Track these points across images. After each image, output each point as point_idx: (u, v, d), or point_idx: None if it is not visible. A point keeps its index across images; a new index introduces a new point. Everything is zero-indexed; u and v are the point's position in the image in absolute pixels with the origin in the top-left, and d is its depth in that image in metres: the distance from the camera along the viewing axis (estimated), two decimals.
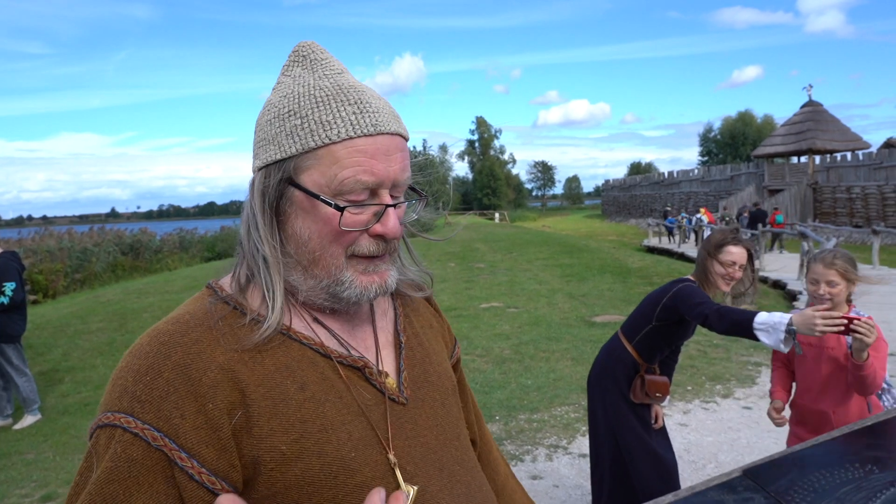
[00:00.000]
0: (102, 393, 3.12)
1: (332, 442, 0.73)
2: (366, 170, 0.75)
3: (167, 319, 0.76)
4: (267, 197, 0.77)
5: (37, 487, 4.11)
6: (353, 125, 0.75)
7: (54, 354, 7.60)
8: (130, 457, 0.67)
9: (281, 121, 0.77)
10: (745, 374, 5.90)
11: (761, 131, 57.43)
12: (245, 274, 0.79)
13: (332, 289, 0.78)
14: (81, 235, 21.69)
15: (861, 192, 24.66)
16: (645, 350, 2.74)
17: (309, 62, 0.81)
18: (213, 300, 0.78)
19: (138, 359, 0.71)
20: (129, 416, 0.68)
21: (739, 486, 1.42)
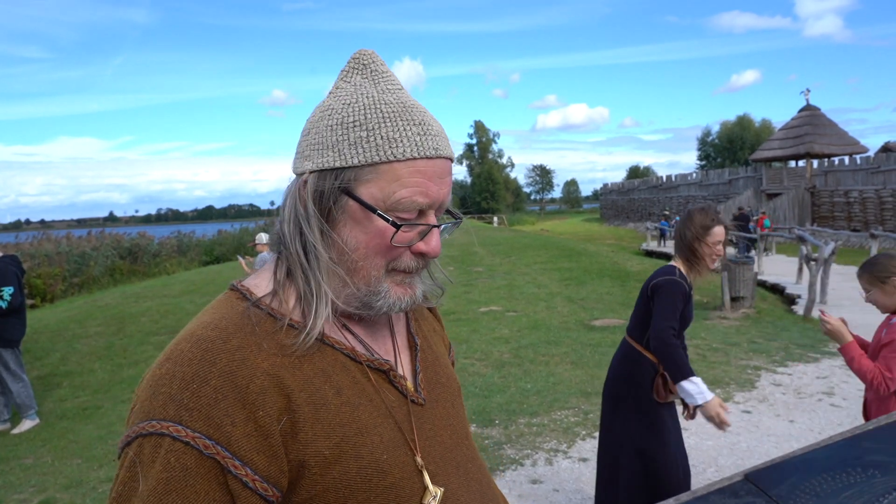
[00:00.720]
0: (101, 397, 3.13)
1: (367, 445, 0.75)
2: (422, 191, 0.77)
3: (203, 324, 0.75)
4: (320, 201, 0.77)
5: (35, 493, 4.10)
6: (417, 146, 0.77)
7: (52, 359, 7.58)
8: (185, 465, 0.66)
9: (344, 129, 0.77)
10: (744, 379, 5.90)
11: (759, 135, 57.58)
12: (284, 273, 0.80)
13: (367, 298, 0.80)
14: (79, 239, 21.68)
15: (859, 196, 24.71)
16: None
17: (370, 72, 0.82)
18: (247, 305, 0.77)
19: (181, 366, 0.70)
20: (178, 425, 0.67)
21: (741, 490, 1.42)
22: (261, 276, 0.83)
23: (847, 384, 5.65)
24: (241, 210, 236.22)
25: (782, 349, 6.99)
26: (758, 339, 7.53)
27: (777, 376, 5.98)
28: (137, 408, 0.70)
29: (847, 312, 8.98)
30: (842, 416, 4.83)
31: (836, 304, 9.70)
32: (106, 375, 6.94)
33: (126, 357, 7.57)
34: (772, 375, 6.01)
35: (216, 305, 0.79)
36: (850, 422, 4.62)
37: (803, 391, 5.50)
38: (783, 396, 5.38)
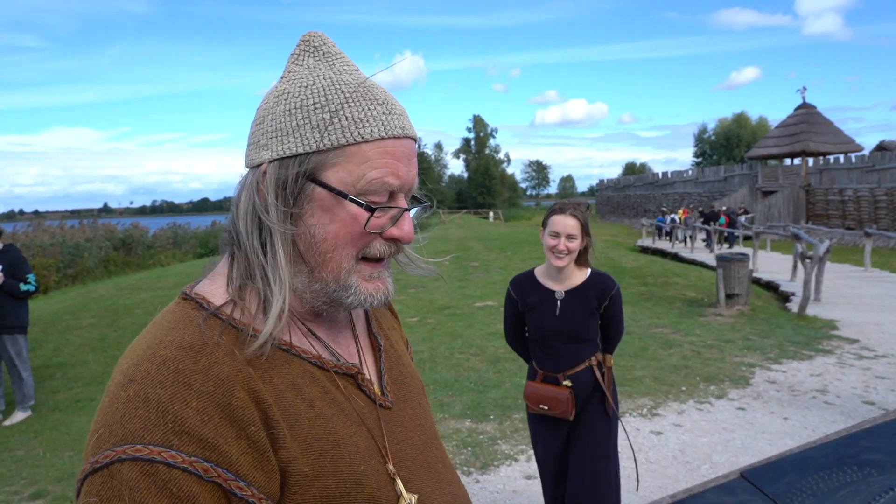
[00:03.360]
0: (94, 389, 3.10)
1: (344, 457, 0.72)
2: (393, 172, 0.74)
3: (164, 342, 0.68)
4: (283, 191, 0.72)
5: (26, 485, 4.08)
6: (383, 125, 0.74)
7: (45, 350, 7.54)
8: (190, 494, 0.60)
9: (305, 112, 0.72)
10: (738, 375, 5.92)
11: (756, 133, 57.72)
12: (240, 276, 0.73)
13: (336, 294, 0.75)
14: (73, 230, 21.56)
15: (853, 195, 24.81)
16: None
17: (322, 54, 0.78)
18: (202, 316, 0.71)
19: (152, 388, 0.63)
20: (170, 450, 0.60)
21: (738, 488, 1.41)
22: (215, 280, 0.76)
23: (840, 382, 5.68)
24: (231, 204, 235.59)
25: (776, 346, 7.01)
26: (752, 336, 7.55)
27: (771, 373, 6.00)
28: (104, 432, 0.62)
29: (840, 310, 9.04)
30: (835, 413, 4.85)
31: (830, 302, 9.74)
32: (99, 367, 6.91)
33: (120, 349, 7.53)
34: (766, 373, 6.03)
35: (171, 319, 0.72)
36: (843, 419, 4.64)
37: (797, 388, 5.52)
38: (777, 394, 5.40)
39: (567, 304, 2.51)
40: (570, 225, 2.40)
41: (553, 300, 2.52)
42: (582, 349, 2.53)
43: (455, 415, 4.97)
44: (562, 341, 2.51)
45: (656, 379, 5.80)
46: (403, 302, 9.80)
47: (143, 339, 0.70)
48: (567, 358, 2.52)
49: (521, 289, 2.61)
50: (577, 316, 2.49)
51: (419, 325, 8.25)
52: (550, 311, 2.51)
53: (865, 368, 6.13)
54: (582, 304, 2.50)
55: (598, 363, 2.56)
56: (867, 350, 6.86)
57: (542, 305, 2.53)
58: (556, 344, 2.52)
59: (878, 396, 5.22)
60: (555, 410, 2.50)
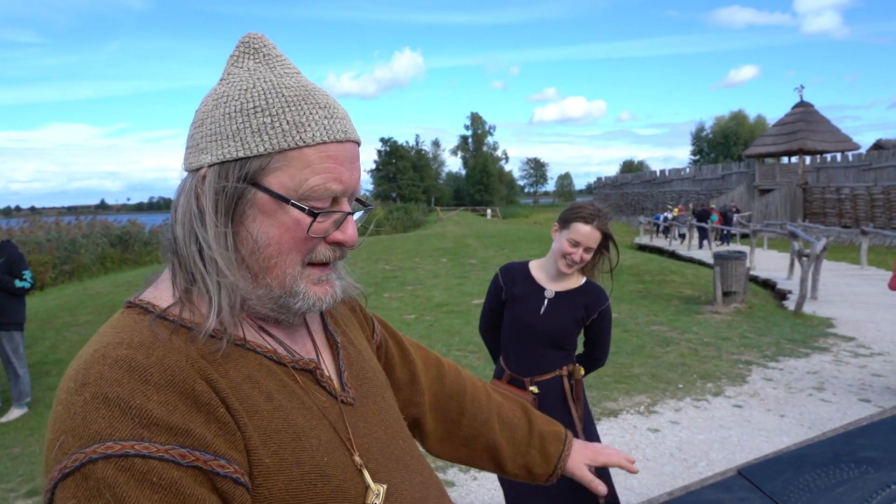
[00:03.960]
0: None
1: (306, 450, 0.71)
2: (335, 177, 0.73)
3: (111, 344, 0.66)
4: (223, 196, 0.71)
5: (22, 482, 4.07)
6: (326, 129, 0.73)
7: (41, 347, 7.52)
8: (171, 480, 0.59)
9: (245, 116, 0.71)
10: (735, 373, 5.93)
11: (753, 131, 57.80)
12: (184, 283, 0.72)
13: (283, 300, 0.75)
14: (69, 226, 21.49)
15: (850, 193, 24.86)
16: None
17: (262, 56, 0.77)
18: (150, 318, 0.69)
19: (108, 388, 0.61)
20: (142, 442, 0.59)
21: (735, 485, 1.41)
22: (159, 287, 0.75)
23: (837, 379, 5.70)
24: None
25: (773, 344, 7.03)
26: (749, 334, 7.57)
27: (768, 371, 6.02)
28: (66, 438, 0.59)
29: (837, 308, 9.06)
30: (832, 410, 4.86)
31: (826, 300, 9.76)
32: None
33: None
34: (763, 370, 6.04)
35: (117, 325, 0.70)
36: (839, 417, 4.65)
37: (794, 386, 5.54)
38: (774, 391, 5.41)
39: (554, 304, 2.35)
40: (593, 238, 2.28)
41: (541, 297, 2.36)
42: (556, 357, 2.35)
43: None
44: (538, 343, 2.34)
45: (653, 376, 5.81)
46: (401, 299, 9.80)
47: (89, 347, 0.68)
48: (539, 362, 2.34)
49: (511, 277, 2.44)
50: (562, 320, 2.33)
51: (416, 323, 8.25)
52: (535, 307, 2.35)
53: (862, 366, 6.15)
54: (570, 308, 2.35)
55: (569, 374, 2.36)
56: (863, 348, 6.88)
57: (527, 299, 2.37)
58: (532, 344, 2.35)
59: (875, 394, 5.24)
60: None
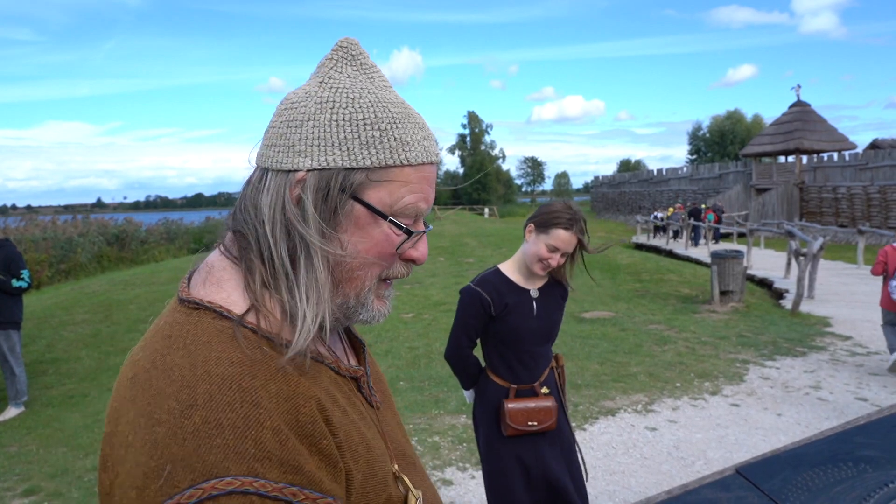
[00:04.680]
0: (87, 385, 3.06)
1: (376, 461, 0.72)
2: (425, 197, 0.75)
3: (210, 359, 0.62)
4: (323, 204, 0.70)
5: (19, 481, 4.06)
6: (425, 151, 0.75)
7: (38, 346, 7.50)
8: None
9: (354, 127, 0.71)
10: (733, 372, 5.94)
11: (750, 130, 57.87)
12: (261, 284, 0.69)
13: (353, 310, 0.75)
14: (65, 225, 21.42)
15: (847, 193, 24.92)
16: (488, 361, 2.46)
17: (360, 65, 0.77)
18: (232, 327, 0.66)
19: (221, 412, 0.58)
20: (258, 479, 0.57)
21: (733, 484, 1.41)
22: (223, 287, 0.70)
23: (833, 378, 5.71)
24: (231, 198, 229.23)
25: (770, 343, 7.05)
26: (746, 333, 7.59)
27: (765, 370, 6.03)
28: (175, 469, 0.56)
29: (834, 307, 9.08)
30: (828, 409, 4.87)
31: (823, 299, 9.79)
32: (93, 363, 6.88)
33: (113, 345, 7.50)
34: (760, 369, 6.06)
35: (197, 332, 0.65)
36: (836, 415, 4.66)
37: (791, 385, 5.55)
38: (771, 390, 5.42)
39: (541, 302, 2.38)
40: (571, 244, 2.26)
41: (529, 299, 2.36)
42: (549, 350, 2.43)
43: (450, 411, 4.98)
44: (537, 344, 2.36)
45: (651, 375, 5.82)
46: (399, 298, 9.80)
47: (175, 357, 0.62)
48: (540, 362, 2.38)
49: (494, 288, 2.34)
50: (552, 314, 2.39)
51: (414, 321, 8.25)
52: (528, 311, 2.34)
53: (858, 365, 6.16)
54: (553, 301, 2.42)
55: (556, 363, 2.47)
56: (860, 347, 6.89)
57: (519, 307, 2.34)
58: (531, 348, 2.35)
59: (871, 393, 5.26)
60: (544, 424, 2.30)
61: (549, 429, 2.33)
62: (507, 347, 2.35)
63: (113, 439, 0.60)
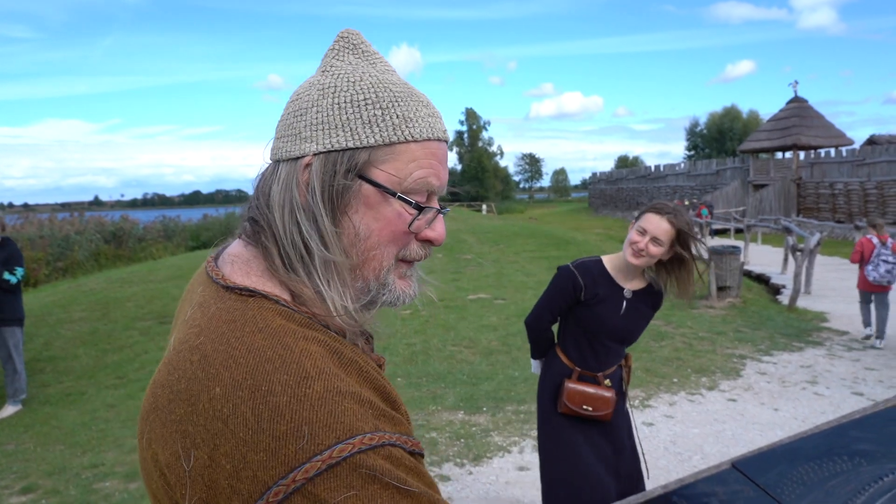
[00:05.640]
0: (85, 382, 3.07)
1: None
2: (435, 173, 0.74)
3: (293, 337, 0.65)
4: (329, 186, 0.71)
5: (17, 479, 4.05)
6: (430, 127, 0.75)
7: (35, 344, 7.48)
8: (415, 465, 0.64)
9: (356, 107, 0.72)
10: (730, 367, 5.96)
11: (747, 126, 57.89)
12: (284, 270, 0.71)
13: (375, 293, 0.75)
14: (62, 222, 21.36)
15: (844, 188, 24.96)
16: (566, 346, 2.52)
17: (362, 52, 0.78)
18: (290, 312, 0.68)
19: (337, 381, 0.62)
20: (384, 433, 0.62)
21: (729, 478, 1.42)
22: (251, 273, 0.72)
23: (830, 373, 5.73)
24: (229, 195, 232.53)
25: (767, 338, 7.07)
26: (743, 328, 7.60)
27: (762, 365, 6.05)
28: (312, 430, 0.58)
29: (830, 303, 9.10)
30: (825, 404, 4.89)
31: (820, 295, 9.81)
32: (90, 361, 6.87)
33: (111, 342, 7.49)
34: (757, 364, 6.08)
35: (264, 316, 0.66)
36: (833, 410, 4.68)
37: (787, 380, 5.57)
38: (768, 385, 5.44)
39: (632, 304, 2.39)
40: (661, 229, 2.22)
41: (621, 297, 2.38)
42: (622, 350, 2.47)
43: (448, 407, 4.98)
44: (614, 341, 2.41)
45: (648, 371, 5.83)
46: None
47: (255, 339, 0.63)
48: (612, 358, 2.43)
49: (591, 276, 2.38)
50: (638, 319, 2.41)
51: (412, 318, 8.25)
52: (616, 307, 2.37)
53: (854, 360, 6.19)
54: (643, 308, 2.42)
55: (625, 362, 2.55)
56: (856, 342, 6.92)
57: (608, 300, 2.36)
58: (607, 342, 2.40)
59: (867, 387, 5.28)
60: (598, 412, 2.36)
61: (604, 419, 2.38)
62: (584, 334, 2.41)
63: (193, 418, 0.60)
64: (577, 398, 2.36)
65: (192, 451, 0.58)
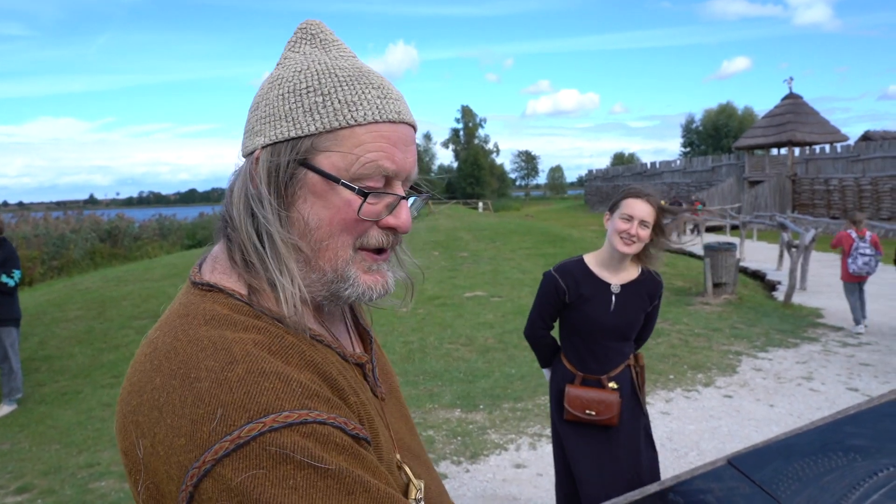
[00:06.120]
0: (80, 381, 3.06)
1: (382, 447, 0.72)
2: (388, 156, 0.72)
3: (231, 326, 0.65)
4: (277, 176, 0.70)
5: (12, 479, 4.04)
6: (378, 109, 0.72)
7: (31, 343, 7.45)
8: (348, 444, 0.61)
9: (297, 96, 0.71)
10: (725, 363, 5.98)
11: (743, 123, 58.00)
12: (242, 263, 0.71)
13: (335, 286, 0.73)
14: (57, 221, 21.28)
15: (838, 185, 25.05)
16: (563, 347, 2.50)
17: (319, 41, 0.77)
18: (240, 305, 0.69)
19: (264, 363, 0.61)
20: (312, 411, 0.60)
21: (725, 474, 1.42)
22: (215, 269, 0.73)
23: (825, 369, 5.75)
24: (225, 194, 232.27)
25: (763, 335, 7.09)
26: (739, 324, 7.63)
27: (758, 361, 6.07)
28: (227, 411, 0.57)
29: (825, 299, 9.14)
30: (820, 400, 4.91)
31: (815, 291, 9.85)
32: (86, 360, 6.85)
33: (106, 341, 7.47)
34: (752, 360, 6.10)
35: (212, 308, 0.67)
36: (828, 406, 4.70)
37: (783, 376, 5.59)
38: (763, 381, 5.46)
39: (622, 298, 2.33)
40: (645, 211, 2.22)
41: (608, 293, 2.33)
42: (626, 348, 2.40)
43: (444, 404, 4.99)
44: (611, 339, 2.35)
45: (644, 367, 5.85)
46: (394, 293, 9.77)
47: (200, 330, 0.65)
48: (613, 357, 2.37)
49: (572, 277, 2.36)
50: (631, 312, 2.34)
51: (408, 316, 8.24)
52: (605, 305, 2.32)
53: (849, 355, 6.21)
54: (636, 299, 2.35)
55: (635, 362, 2.46)
56: (851, 337, 6.95)
57: (595, 298, 2.33)
58: (604, 342, 2.35)
59: (862, 383, 5.30)
60: (602, 416, 2.31)
61: (609, 423, 2.33)
62: (580, 336, 2.38)
63: (140, 409, 0.61)
64: (579, 403, 2.33)
65: (141, 440, 0.60)
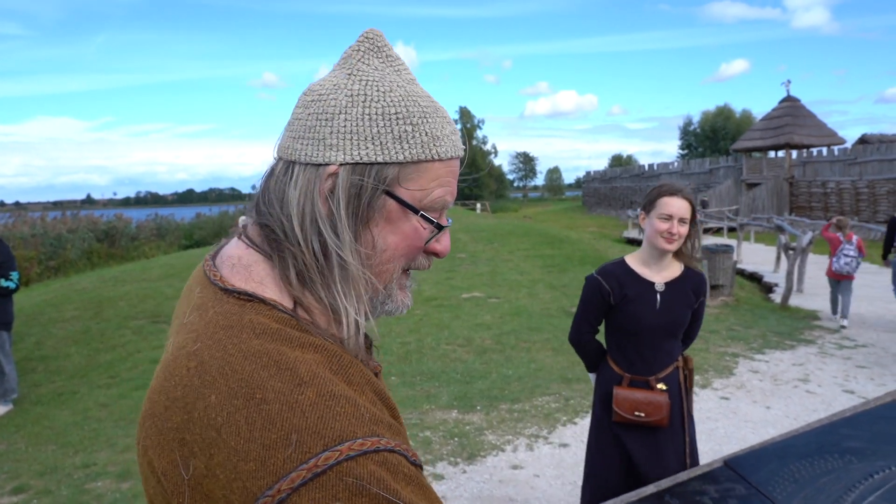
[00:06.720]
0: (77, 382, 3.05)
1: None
2: (451, 191, 0.75)
3: (288, 344, 0.63)
4: (359, 199, 0.70)
5: (8, 479, 4.03)
6: (454, 145, 0.75)
7: (27, 343, 7.44)
8: (413, 474, 0.61)
9: (387, 121, 0.70)
10: (722, 366, 5.98)
11: (740, 125, 58.12)
12: (297, 279, 0.70)
13: (381, 302, 0.76)
14: (54, 221, 21.23)
15: (836, 187, 25.11)
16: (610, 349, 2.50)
17: (385, 56, 0.77)
18: (289, 320, 0.67)
19: (333, 385, 0.61)
20: (381, 438, 0.60)
21: (721, 476, 1.43)
22: (251, 278, 0.70)
23: (822, 371, 5.76)
24: (223, 194, 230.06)
25: (760, 337, 7.10)
26: (736, 326, 7.64)
27: (754, 363, 6.08)
28: (301, 437, 0.57)
29: (822, 301, 9.15)
30: (816, 402, 4.92)
31: (812, 293, 9.87)
32: (82, 360, 6.83)
33: (103, 342, 7.45)
34: (749, 362, 6.10)
35: (261, 322, 0.65)
36: (825, 408, 4.71)
37: (780, 378, 5.60)
38: (760, 383, 5.47)
39: (667, 297, 2.32)
40: (683, 208, 2.22)
41: (653, 292, 2.32)
42: (675, 348, 2.38)
43: (442, 405, 4.98)
44: (657, 338, 2.33)
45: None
46: None
47: (252, 344, 0.63)
48: (661, 358, 2.35)
49: (615, 279, 2.35)
50: (677, 310, 2.32)
51: (406, 317, 8.24)
52: (650, 304, 2.31)
53: (846, 358, 6.22)
54: (681, 297, 2.34)
55: (684, 364, 2.44)
56: (847, 340, 6.96)
57: (640, 298, 2.31)
58: (651, 341, 2.33)
59: (858, 385, 5.31)
60: (652, 417, 2.28)
61: (660, 424, 2.31)
62: (626, 338, 2.37)
63: (189, 427, 0.59)
64: (627, 405, 2.31)
65: (191, 460, 0.58)
